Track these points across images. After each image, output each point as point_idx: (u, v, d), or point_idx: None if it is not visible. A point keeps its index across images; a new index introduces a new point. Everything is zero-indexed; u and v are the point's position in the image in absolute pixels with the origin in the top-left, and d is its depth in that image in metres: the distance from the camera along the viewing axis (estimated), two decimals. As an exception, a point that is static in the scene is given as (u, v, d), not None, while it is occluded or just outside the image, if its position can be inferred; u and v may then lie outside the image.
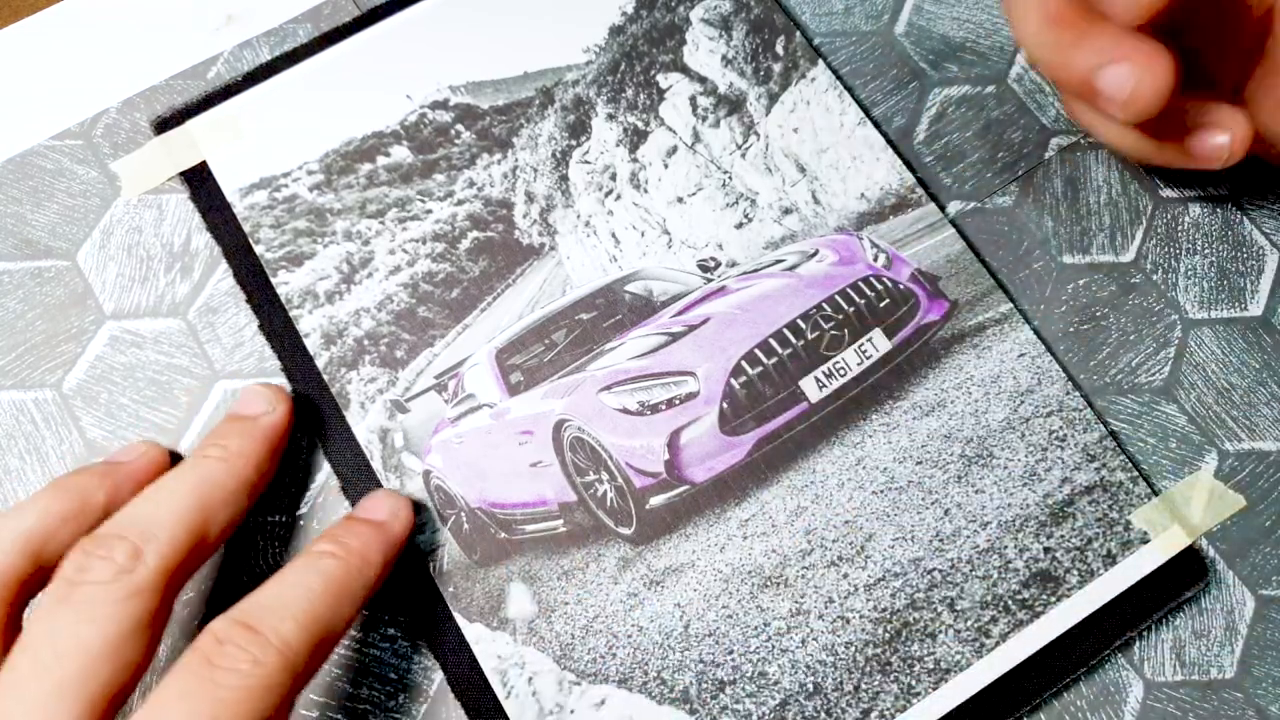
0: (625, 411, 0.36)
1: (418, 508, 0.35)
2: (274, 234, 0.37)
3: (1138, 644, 0.35)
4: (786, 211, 0.38)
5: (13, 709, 0.26)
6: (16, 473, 0.35)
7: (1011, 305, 0.37)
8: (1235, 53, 0.33)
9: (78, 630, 0.27)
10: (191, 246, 0.38)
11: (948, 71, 0.41)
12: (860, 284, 0.37)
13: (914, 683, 0.33)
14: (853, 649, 0.33)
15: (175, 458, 0.35)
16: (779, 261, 0.38)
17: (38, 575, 0.29)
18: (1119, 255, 0.39)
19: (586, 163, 0.39)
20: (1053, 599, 0.34)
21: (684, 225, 0.38)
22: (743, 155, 0.39)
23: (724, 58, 0.40)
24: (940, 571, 0.34)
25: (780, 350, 0.36)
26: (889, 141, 0.39)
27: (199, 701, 0.26)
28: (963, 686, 0.33)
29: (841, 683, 0.33)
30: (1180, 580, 0.34)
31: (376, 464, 0.35)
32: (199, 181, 0.38)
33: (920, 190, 0.39)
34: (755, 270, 0.38)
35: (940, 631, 0.34)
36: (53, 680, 0.26)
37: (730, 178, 0.39)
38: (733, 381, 0.36)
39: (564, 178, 0.39)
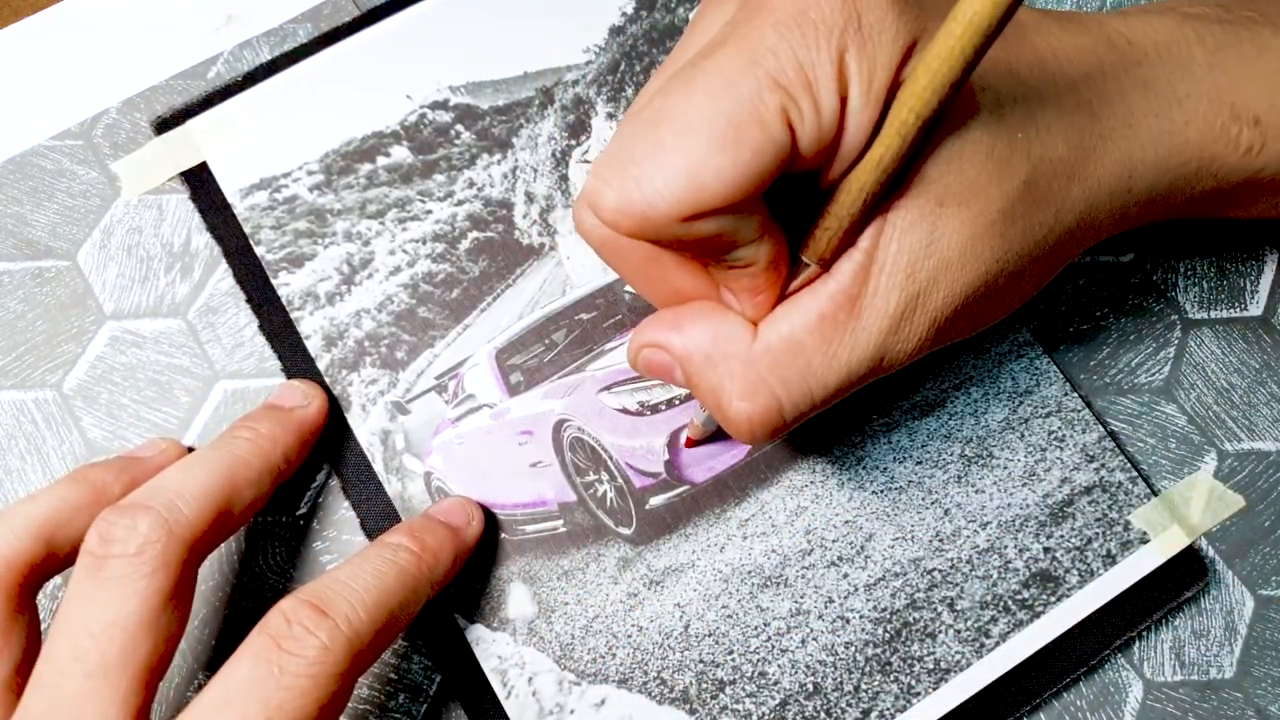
0: (625, 411, 0.36)
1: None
2: (274, 235, 0.37)
3: (1137, 644, 0.35)
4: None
5: (58, 696, 0.26)
6: (17, 473, 0.35)
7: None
8: None
9: (111, 609, 0.27)
10: (191, 247, 0.38)
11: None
12: (860, 284, 0.37)
13: (914, 683, 0.33)
14: (853, 649, 0.33)
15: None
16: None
17: (50, 561, 0.30)
18: (1120, 256, 0.39)
19: (586, 162, 0.39)
20: (1053, 599, 0.34)
21: (684, 225, 0.38)
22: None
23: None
24: (940, 571, 0.34)
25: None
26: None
27: (267, 688, 0.26)
28: (963, 686, 0.33)
29: (841, 683, 0.33)
30: (1180, 580, 0.34)
31: (378, 466, 0.35)
32: (199, 182, 0.38)
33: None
34: (755, 270, 0.38)
35: (940, 631, 0.34)
36: (93, 662, 0.26)
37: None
38: (733, 381, 0.36)
39: (564, 178, 0.39)
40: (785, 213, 0.27)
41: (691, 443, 0.35)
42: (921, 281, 0.26)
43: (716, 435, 0.35)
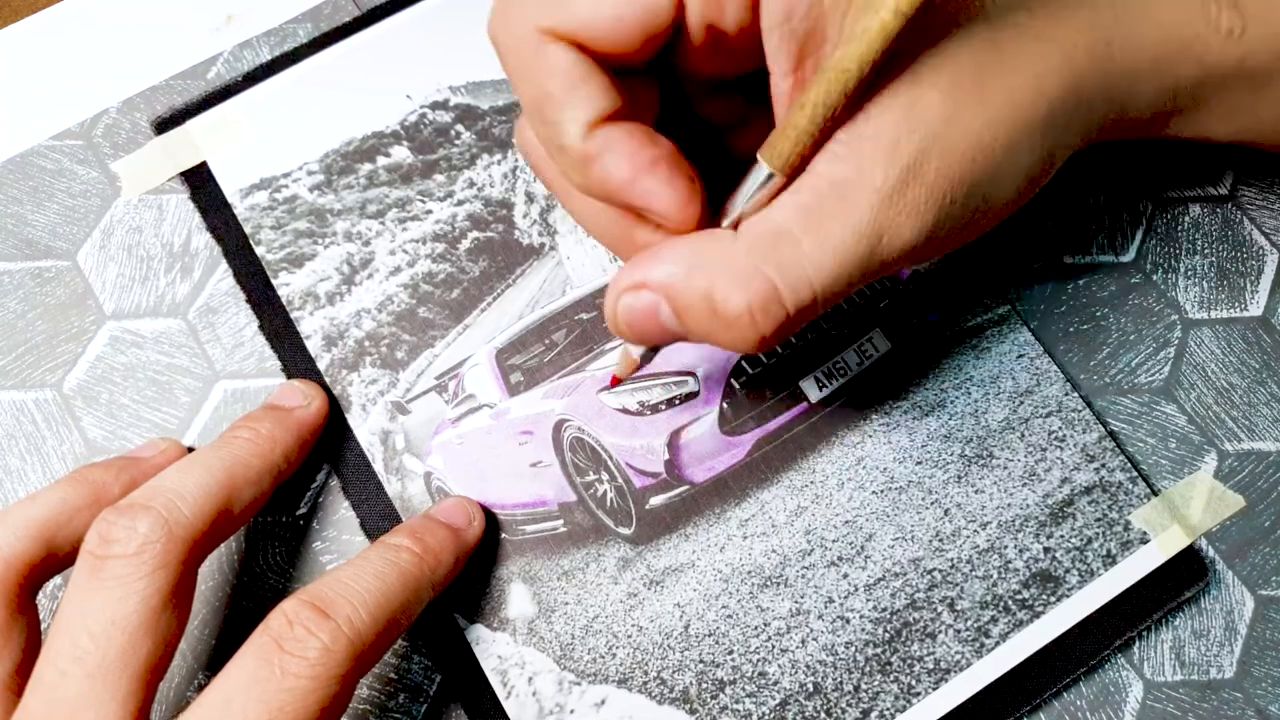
0: (625, 411, 0.36)
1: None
2: (275, 235, 0.37)
3: (1138, 644, 0.35)
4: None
5: (59, 696, 0.26)
6: (17, 473, 0.35)
7: (1010, 306, 0.37)
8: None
9: (111, 609, 0.27)
10: (191, 246, 0.38)
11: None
12: (860, 284, 0.37)
13: (914, 683, 0.33)
14: (853, 649, 0.33)
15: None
16: (779, 261, 0.38)
17: (49, 561, 0.30)
18: (1119, 255, 0.39)
19: (586, 163, 0.39)
20: (1053, 599, 0.34)
21: (684, 225, 0.38)
22: (743, 155, 0.39)
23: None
24: (940, 571, 0.34)
25: (780, 350, 0.36)
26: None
27: (268, 689, 0.26)
28: (963, 686, 0.33)
29: (841, 683, 0.33)
30: (1180, 580, 0.34)
31: (378, 466, 0.35)
32: (199, 182, 0.38)
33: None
34: (755, 270, 0.38)
35: (940, 631, 0.34)
36: (94, 662, 0.26)
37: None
38: (733, 381, 0.36)
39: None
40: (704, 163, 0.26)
41: (616, 381, 0.33)
42: (909, 154, 0.25)
43: (716, 421, 0.35)
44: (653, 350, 0.31)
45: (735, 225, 0.26)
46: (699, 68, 0.27)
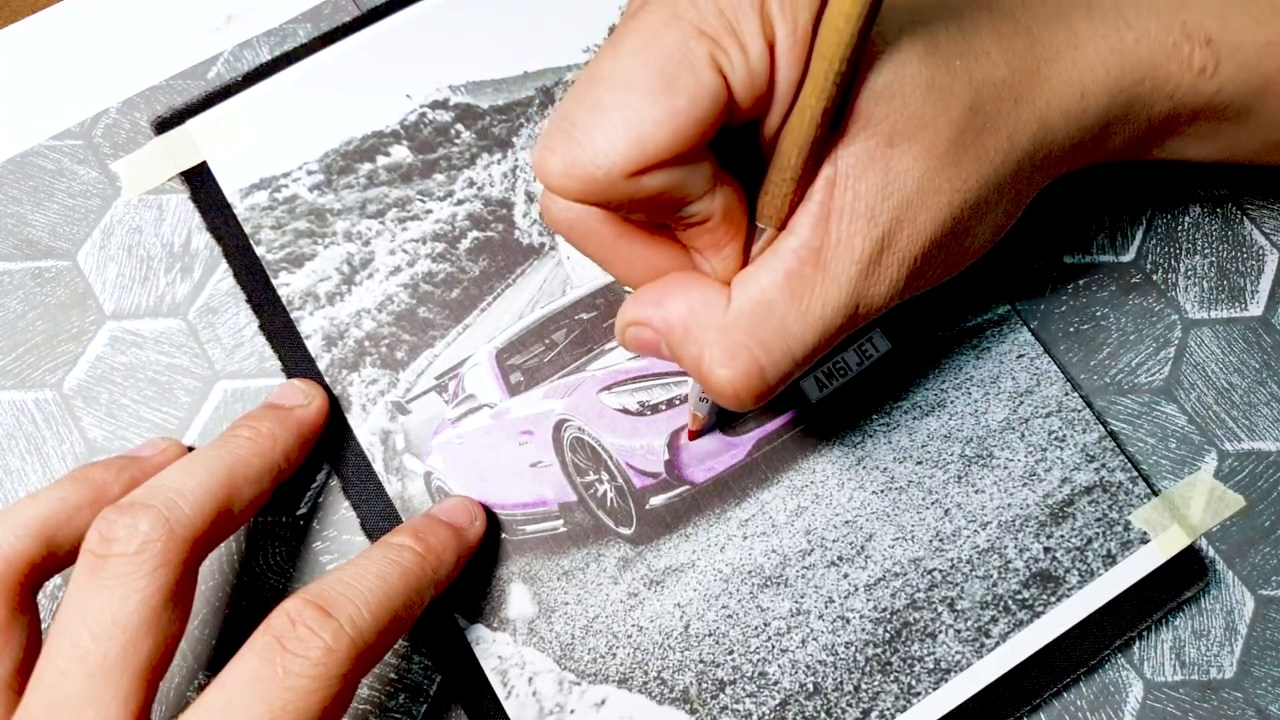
0: (625, 411, 0.36)
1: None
2: (275, 235, 0.37)
3: (1138, 644, 0.35)
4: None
5: (60, 695, 0.26)
6: (17, 473, 0.35)
7: (1010, 306, 0.37)
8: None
9: (112, 608, 0.27)
10: (191, 246, 0.38)
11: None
12: (860, 284, 0.37)
13: (914, 683, 0.33)
14: (853, 649, 0.33)
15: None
16: (779, 261, 0.38)
17: (50, 560, 0.30)
18: (1119, 255, 0.39)
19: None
20: (1053, 599, 0.34)
21: (684, 225, 0.38)
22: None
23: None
24: (940, 571, 0.34)
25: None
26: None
27: (270, 688, 0.26)
28: (963, 686, 0.33)
29: (841, 683, 0.33)
30: (1180, 580, 0.34)
31: (378, 466, 0.35)
32: (199, 181, 0.38)
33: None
34: (755, 270, 0.38)
35: (940, 631, 0.34)
36: (95, 661, 0.26)
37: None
38: (733, 381, 0.36)
39: (564, 178, 0.39)
40: (741, 168, 0.27)
41: (693, 435, 0.35)
42: (884, 224, 0.26)
43: (717, 423, 0.35)
44: (715, 408, 0.34)
45: (749, 246, 0.28)
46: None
